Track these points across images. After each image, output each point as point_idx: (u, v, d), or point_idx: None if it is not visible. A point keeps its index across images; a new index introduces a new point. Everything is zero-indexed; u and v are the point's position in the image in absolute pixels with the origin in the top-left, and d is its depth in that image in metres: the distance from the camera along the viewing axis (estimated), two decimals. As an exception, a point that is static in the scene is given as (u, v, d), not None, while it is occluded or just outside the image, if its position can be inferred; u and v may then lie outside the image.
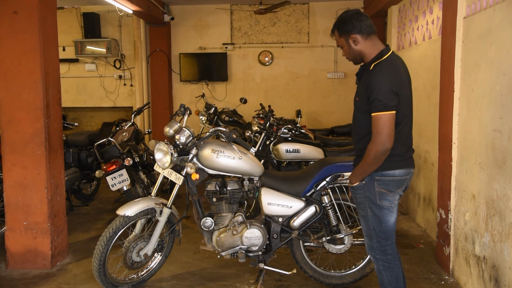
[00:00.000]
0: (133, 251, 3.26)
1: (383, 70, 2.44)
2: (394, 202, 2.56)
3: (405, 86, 2.50)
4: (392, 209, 2.57)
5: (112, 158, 4.86)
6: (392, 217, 2.58)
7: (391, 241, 2.61)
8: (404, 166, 2.55)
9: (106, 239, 3.10)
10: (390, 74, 2.42)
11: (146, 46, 8.33)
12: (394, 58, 2.55)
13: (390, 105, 2.37)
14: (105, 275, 3.16)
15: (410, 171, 2.60)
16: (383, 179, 2.52)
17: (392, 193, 2.54)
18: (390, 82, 2.39)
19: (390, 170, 2.50)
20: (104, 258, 3.11)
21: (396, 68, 2.48)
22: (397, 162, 2.52)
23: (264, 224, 3.32)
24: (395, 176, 2.52)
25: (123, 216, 3.13)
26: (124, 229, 3.17)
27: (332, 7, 8.18)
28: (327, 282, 3.40)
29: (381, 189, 2.52)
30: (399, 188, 2.56)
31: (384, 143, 2.37)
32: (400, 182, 2.55)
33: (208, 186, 3.30)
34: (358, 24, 2.53)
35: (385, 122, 2.37)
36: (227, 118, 7.19)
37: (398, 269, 2.64)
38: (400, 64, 2.56)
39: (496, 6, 2.92)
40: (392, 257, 2.62)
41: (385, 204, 2.54)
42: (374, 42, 2.58)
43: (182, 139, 3.20)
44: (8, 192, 3.78)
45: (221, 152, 3.17)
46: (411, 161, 2.62)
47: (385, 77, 2.40)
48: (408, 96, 2.54)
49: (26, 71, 3.68)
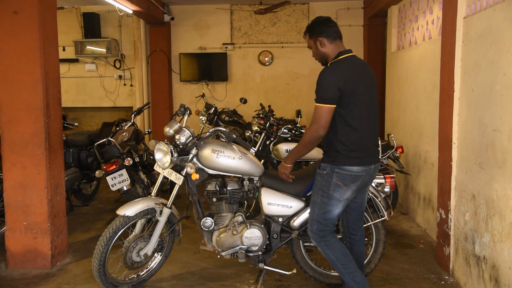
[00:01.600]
0: (133, 251, 3.26)
1: (331, 67, 2.76)
2: (343, 197, 2.83)
3: (360, 85, 2.75)
4: (340, 203, 2.85)
5: (112, 158, 4.85)
6: (337, 210, 2.88)
7: (330, 228, 2.93)
8: (362, 164, 2.80)
9: (106, 239, 3.10)
10: (336, 71, 2.71)
11: (146, 46, 8.33)
12: (351, 59, 2.82)
13: (327, 98, 2.67)
14: (105, 275, 3.16)
15: (367, 168, 2.84)
16: (341, 173, 2.80)
17: (346, 187, 2.81)
18: (332, 77, 2.68)
19: (348, 166, 2.78)
20: (104, 258, 3.11)
21: (348, 67, 2.75)
22: (356, 159, 2.79)
23: (264, 224, 3.32)
24: (352, 172, 2.79)
25: (123, 216, 3.13)
26: (124, 229, 3.17)
27: (332, 7, 8.18)
28: (327, 282, 3.40)
29: (337, 181, 2.80)
30: (354, 183, 2.82)
31: (318, 131, 2.71)
32: (356, 177, 2.82)
33: (208, 186, 3.30)
34: (326, 29, 2.82)
35: (321, 113, 2.69)
36: (227, 118, 7.19)
37: (341, 245, 2.94)
38: (359, 65, 2.83)
39: (496, 6, 2.92)
40: (331, 237, 2.93)
41: (335, 195, 2.83)
42: (337, 45, 2.86)
43: (182, 139, 3.20)
44: (8, 192, 3.78)
45: (221, 152, 3.18)
46: (370, 159, 2.85)
47: (329, 73, 2.71)
48: (366, 95, 2.79)
49: (26, 71, 3.68)
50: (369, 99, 2.83)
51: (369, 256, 3.43)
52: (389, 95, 6.44)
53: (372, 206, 3.34)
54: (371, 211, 3.35)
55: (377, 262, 3.43)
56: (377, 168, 2.96)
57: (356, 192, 2.91)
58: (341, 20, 8.19)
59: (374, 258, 3.42)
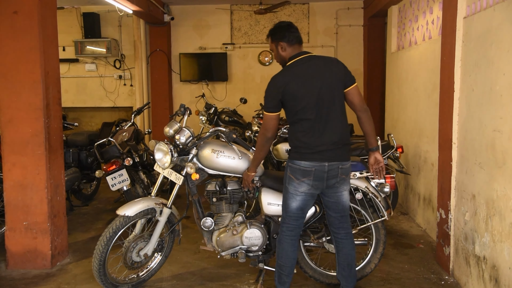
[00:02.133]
0: (133, 251, 3.26)
1: (277, 74, 2.90)
2: (298, 190, 2.91)
3: (306, 88, 2.82)
4: (295, 197, 2.93)
5: (112, 158, 4.85)
6: (293, 203, 2.94)
7: (289, 222, 3.00)
8: (310, 159, 2.86)
9: (106, 239, 3.10)
10: (278, 79, 2.87)
11: (146, 46, 8.33)
12: (302, 61, 2.90)
13: (268, 107, 2.90)
14: (105, 275, 3.16)
15: (317, 164, 2.86)
16: (292, 166, 2.92)
17: (298, 181, 2.89)
18: (273, 87, 2.87)
19: (297, 160, 2.90)
20: (104, 258, 3.11)
21: (294, 71, 2.87)
22: (304, 154, 2.87)
23: (264, 224, 3.32)
24: (300, 166, 2.88)
25: (123, 216, 3.13)
26: (124, 229, 3.17)
27: (332, 7, 8.19)
28: (327, 282, 3.40)
29: (290, 175, 2.93)
30: (306, 177, 2.88)
31: (265, 134, 2.94)
32: (306, 172, 2.88)
33: (208, 186, 3.30)
34: (287, 34, 2.95)
35: (265, 120, 2.92)
36: (227, 118, 7.19)
37: (284, 249, 3.01)
38: (310, 66, 2.87)
39: (496, 6, 2.92)
40: (285, 234, 3.01)
41: (290, 188, 2.94)
42: (295, 50, 2.97)
43: (182, 139, 3.20)
44: (8, 192, 3.78)
45: (221, 152, 3.18)
46: (322, 156, 2.86)
47: (270, 83, 2.90)
48: (314, 97, 2.82)
49: (26, 71, 3.68)
50: (320, 99, 2.84)
51: (369, 256, 3.43)
52: (389, 95, 6.44)
53: (372, 206, 3.34)
54: (371, 211, 3.34)
55: (377, 262, 3.42)
56: (340, 166, 2.90)
57: (316, 188, 2.92)
58: (341, 20, 8.20)
59: (374, 258, 3.42)
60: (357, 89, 2.96)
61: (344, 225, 3.09)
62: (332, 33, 8.26)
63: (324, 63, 2.92)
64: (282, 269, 3.04)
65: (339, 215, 3.06)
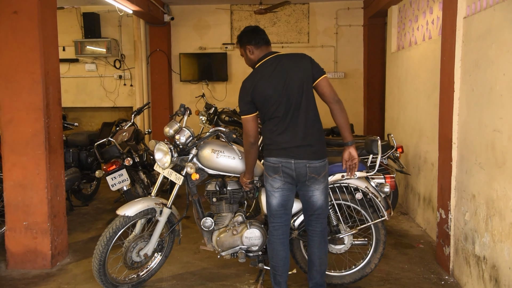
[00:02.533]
0: (133, 251, 3.26)
1: (245, 79, 2.97)
2: (274, 187, 2.95)
3: (272, 83, 2.86)
4: (273, 194, 2.97)
5: (112, 158, 4.85)
6: (273, 200, 2.98)
7: (272, 220, 3.02)
8: (277, 155, 2.91)
9: (106, 239, 3.10)
10: (245, 82, 2.95)
11: (146, 46, 8.33)
12: (268, 62, 2.95)
13: (242, 110, 2.95)
14: (105, 275, 3.16)
15: (284, 161, 2.89)
16: (265, 164, 2.99)
17: (271, 177, 2.94)
18: (241, 91, 2.95)
19: (267, 157, 2.96)
20: (104, 258, 3.11)
21: (260, 74, 2.92)
22: (272, 151, 2.93)
23: (264, 224, 3.32)
24: (269, 163, 2.94)
25: (123, 216, 3.13)
26: (124, 229, 3.17)
27: (332, 7, 8.18)
28: (327, 282, 3.40)
29: (264, 172, 3.00)
30: (276, 173, 2.92)
31: (247, 138, 2.95)
32: (275, 168, 2.92)
33: (208, 186, 3.30)
34: (253, 37, 3.02)
35: (244, 124, 2.95)
36: (227, 118, 7.18)
37: (273, 249, 3.02)
38: (276, 66, 2.91)
39: (496, 6, 2.92)
40: (272, 234, 3.03)
41: (267, 186, 2.99)
42: (262, 51, 3.03)
43: (182, 139, 3.20)
44: (8, 192, 3.78)
45: (221, 152, 3.18)
46: (288, 152, 2.89)
47: (241, 88, 2.96)
48: (283, 96, 2.86)
49: (26, 71, 3.68)
50: (287, 97, 2.86)
51: (369, 256, 3.43)
52: (389, 95, 6.45)
53: (372, 206, 3.34)
54: (371, 211, 3.34)
55: (377, 262, 3.42)
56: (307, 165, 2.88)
57: (290, 184, 2.95)
58: (341, 20, 8.20)
59: (374, 258, 3.42)
60: (326, 80, 2.94)
61: (313, 223, 3.06)
62: (332, 33, 8.26)
63: (291, 60, 2.92)
64: (275, 269, 3.04)
65: (310, 213, 3.06)
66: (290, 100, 2.87)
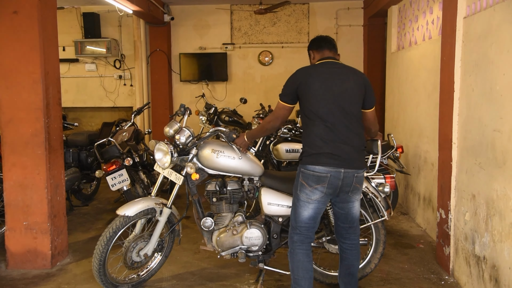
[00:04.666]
0: (133, 251, 3.26)
1: (300, 68, 2.93)
2: (311, 198, 2.79)
3: (327, 83, 2.79)
4: (308, 205, 2.80)
5: (112, 158, 4.85)
6: (305, 211, 2.82)
7: (299, 231, 2.86)
8: (325, 163, 2.75)
9: (106, 239, 3.10)
10: (299, 70, 2.90)
11: (146, 46, 8.33)
12: (328, 63, 2.93)
13: (282, 95, 2.91)
14: (105, 275, 3.16)
15: (333, 170, 2.74)
16: (305, 172, 2.80)
17: (311, 188, 2.78)
18: (292, 78, 2.90)
19: (310, 165, 2.78)
20: (104, 258, 3.11)
21: (314, 69, 2.89)
22: (318, 158, 2.76)
23: (264, 224, 3.32)
24: (314, 172, 2.76)
25: (123, 216, 3.13)
26: (124, 229, 3.17)
27: (332, 7, 8.18)
28: (327, 282, 3.40)
29: (302, 181, 2.81)
30: (319, 184, 2.76)
31: (272, 121, 2.97)
32: (320, 178, 2.76)
33: (208, 186, 3.29)
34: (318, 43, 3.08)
35: (277, 108, 2.94)
36: (227, 118, 7.19)
37: (303, 260, 2.85)
38: (335, 67, 2.89)
39: (496, 6, 2.92)
40: (297, 245, 2.87)
41: (302, 196, 2.81)
42: (325, 54, 3.02)
43: (182, 139, 3.20)
44: (8, 192, 3.78)
45: (221, 152, 3.18)
46: (338, 161, 2.75)
47: (293, 74, 2.92)
48: (333, 100, 2.77)
49: (26, 71, 3.68)
50: (340, 102, 2.78)
51: (369, 256, 3.43)
52: (389, 95, 6.44)
53: (372, 206, 3.34)
54: (371, 211, 3.34)
55: (377, 262, 3.42)
56: (355, 174, 2.80)
57: (329, 196, 2.82)
58: (341, 20, 8.20)
59: (374, 258, 3.42)
60: (373, 113, 3.01)
61: (351, 236, 3.01)
62: (332, 33, 8.26)
63: (349, 71, 2.91)
64: (299, 283, 2.84)
65: (347, 226, 2.98)
66: (343, 107, 2.78)
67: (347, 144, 2.77)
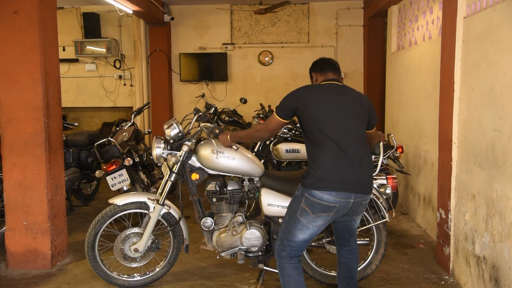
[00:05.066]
0: (125, 243, 3.32)
1: (306, 85, 2.82)
2: (312, 224, 2.62)
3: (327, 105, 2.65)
4: (307, 229, 2.64)
5: (112, 158, 4.85)
6: (301, 235, 2.66)
7: (289, 250, 2.71)
8: (334, 189, 2.54)
9: (95, 223, 3.29)
10: (299, 90, 2.77)
11: (146, 46, 8.33)
12: (332, 85, 2.81)
13: (279, 109, 2.75)
14: (95, 260, 3.34)
15: (342, 201, 2.57)
16: (310, 199, 2.59)
17: (314, 215, 2.60)
18: (293, 95, 2.75)
19: (317, 191, 2.56)
20: (92, 242, 3.31)
21: (318, 88, 2.76)
22: (325, 182, 2.56)
23: (264, 224, 3.31)
24: (321, 201, 2.56)
25: (113, 205, 3.27)
26: (114, 218, 3.30)
27: (332, 7, 8.18)
28: (327, 282, 3.40)
29: (305, 207, 2.61)
30: (324, 213, 2.59)
31: (262, 130, 2.85)
32: (327, 207, 2.57)
33: (208, 186, 3.29)
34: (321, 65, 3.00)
35: (271, 120, 2.79)
36: (227, 118, 7.19)
37: (294, 274, 2.72)
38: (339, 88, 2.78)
39: (496, 6, 2.92)
40: (285, 260, 2.72)
41: (302, 220, 2.63)
42: (328, 76, 2.92)
43: (170, 133, 3.25)
44: (8, 192, 3.78)
45: (221, 153, 3.17)
46: (349, 186, 2.56)
47: (294, 92, 2.77)
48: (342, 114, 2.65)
49: (26, 71, 3.68)
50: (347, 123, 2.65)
51: (370, 257, 3.42)
52: (389, 95, 6.44)
53: (374, 207, 3.33)
54: (372, 212, 3.34)
55: (378, 263, 3.42)
56: (363, 202, 2.68)
57: (330, 221, 2.70)
58: (341, 20, 8.20)
59: (375, 259, 3.42)
60: (376, 131, 3.00)
61: (350, 243, 3.01)
62: (332, 33, 8.26)
63: (354, 93, 2.81)
64: None
65: (347, 237, 2.98)
66: (350, 128, 2.65)
67: (358, 166, 2.61)
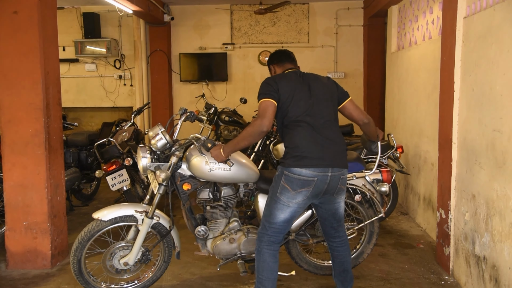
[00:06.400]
0: (114, 257, 3.13)
1: (268, 77, 2.94)
2: (292, 201, 2.72)
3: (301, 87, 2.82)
4: (286, 208, 2.73)
5: (112, 158, 4.85)
6: (282, 214, 2.75)
7: (270, 233, 2.79)
8: (312, 166, 2.68)
9: (80, 240, 3.03)
10: (271, 77, 2.89)
11: (146, 46, 8.32)
12: (289, 73, 2.95)
13: (267, 92, 2.77)
14: (82, 276, 3.09)
15: (320, 174, 2.69)
16: (289, 176, 2.71)
17: (294, 192, 2.70)
18: (267, 80, 2.85)
19: (295, 168, 2.69)
20: (78, 260, 3.05)
21: (284, 76, 2.90)
22: (303, 160, 2.69)
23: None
24: (300, 175, 2.68)
25: (96, 220, 3.05)
26: (99, 233, 3.07)
27: (332, 7, 8.18)
28: (321, 273, 3.48)
29: (285, 184, 2.72)
30: (304, 188, 2.70)
31: (261, 126, 2.72)
32: (305, 182, 2.69)
33: (201, 194, 3.15)
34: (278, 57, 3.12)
35: (264, 107, 2.74)
36: (227, 118, 7.19)
37: (269, 261, 2.79)
38: (302, 74, 2.94)
39: (496, 6, 2.92)
40: (265, 245, 2.80)
41: (282, 198, 2.73)
42: (287, 66, 3.06)
43: (156, 144, 3.03)
44: (8, 192, 3.78)
45: (215, 164, 2.99)
46: (325, 161, 2.71)
47: (264, 82, 2.85)
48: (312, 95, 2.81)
49: (26, 71, 3.68)
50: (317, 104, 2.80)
51: (362, 247, 3.52)
52: (389, 95, 6.44)
53: (368, 202, 3.37)
54: (367, 206, 3.39)
55: (369, 252, 3.53)
56: (341, 176, 2.78)
57: (310, 200, 2.78)
58: (341, 20, 8.20)
59: (367, 248, 3.53)
60: (352, 103, 2.95)
61: (340, 233, 3.02)
62: (332, 33, 8.26)
63: (316, 76, 2.95)
64: (263, 283, 2.82)
65: (335, 225, 2.99)
66: (320, 108, 2.80)
67: (332, 143, 2.77)
